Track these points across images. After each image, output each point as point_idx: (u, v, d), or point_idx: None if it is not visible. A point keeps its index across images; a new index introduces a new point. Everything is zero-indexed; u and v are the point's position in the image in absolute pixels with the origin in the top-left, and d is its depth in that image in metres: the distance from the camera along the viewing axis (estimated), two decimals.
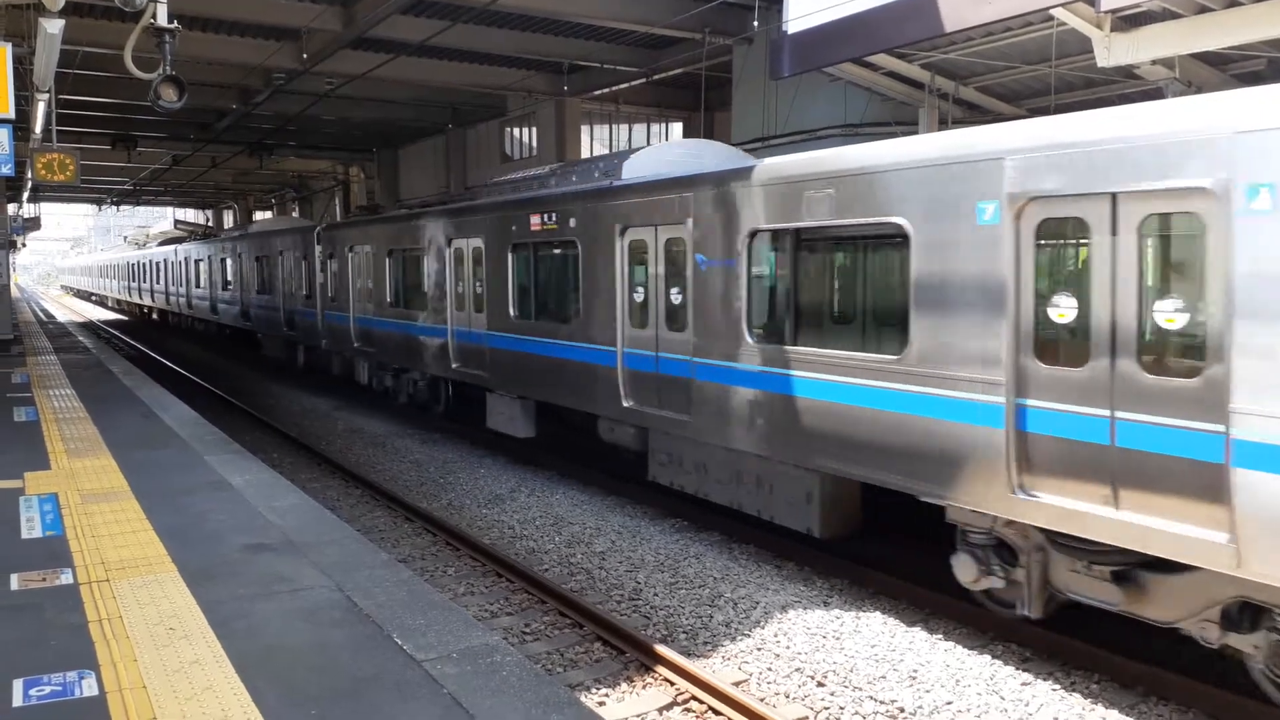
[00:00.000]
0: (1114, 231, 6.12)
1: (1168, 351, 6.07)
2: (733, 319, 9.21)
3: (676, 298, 10.03)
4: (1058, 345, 6.57)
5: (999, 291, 6.72)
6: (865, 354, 7.94)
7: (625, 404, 10.76)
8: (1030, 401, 6.61)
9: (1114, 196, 6.10)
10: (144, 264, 45.52)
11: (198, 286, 32.40)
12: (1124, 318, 6.11)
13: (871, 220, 7.77)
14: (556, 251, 12.20)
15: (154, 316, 46.71)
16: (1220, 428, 5.61)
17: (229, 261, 28.27)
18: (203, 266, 31.64)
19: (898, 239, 7.65)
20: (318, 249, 20.18)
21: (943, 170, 7.10)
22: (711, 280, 9.44)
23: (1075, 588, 6.88)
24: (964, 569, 7.42)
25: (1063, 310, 6.46)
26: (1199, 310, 5.87)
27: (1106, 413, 6.21)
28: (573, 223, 11.47)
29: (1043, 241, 6.61)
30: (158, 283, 41.61)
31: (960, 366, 7.02)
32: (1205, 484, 5.70)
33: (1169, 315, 5.96)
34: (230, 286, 28.04)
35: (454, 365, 14.61)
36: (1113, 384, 6.15)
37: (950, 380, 7.11)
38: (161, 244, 42.42)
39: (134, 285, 50.10)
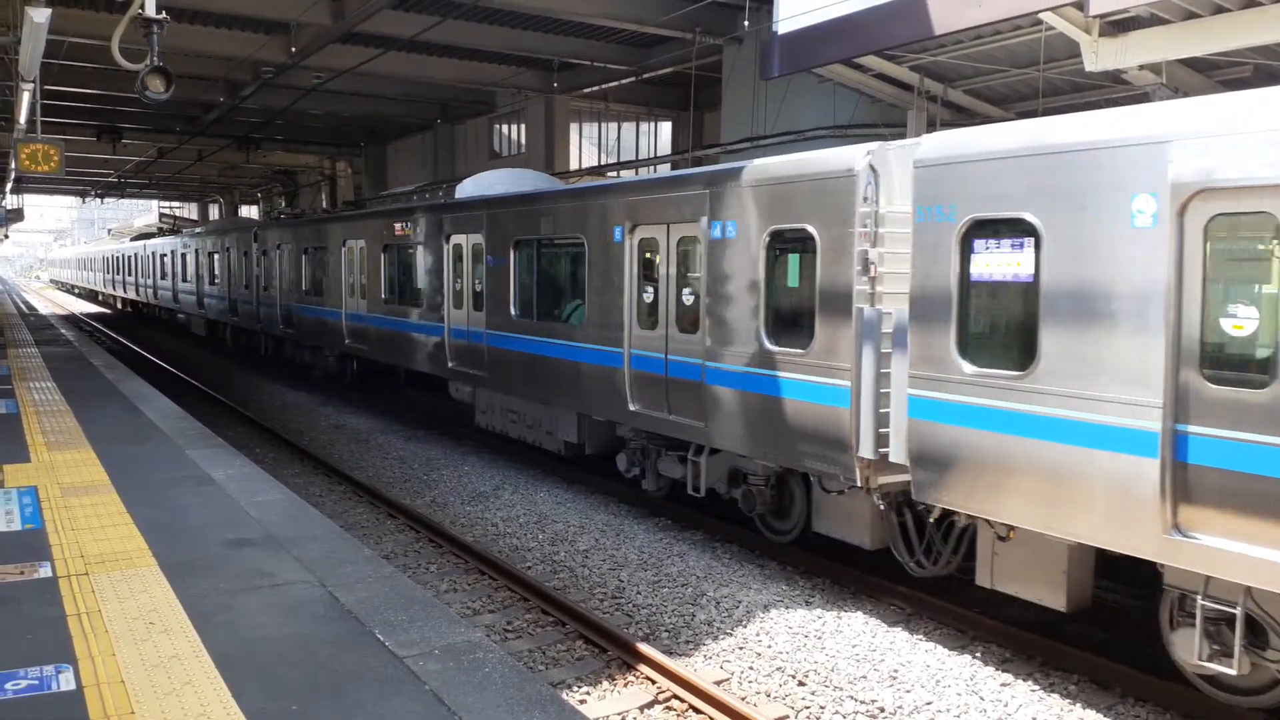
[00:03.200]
0: None
1: None
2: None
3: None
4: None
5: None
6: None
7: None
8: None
9: None
10: (188, 257, 31.41)
11: (360, 295, 17.64)
12: None
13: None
14: None
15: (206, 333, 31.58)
16: None
17: (429, 257, 14.96)
18: (350, 261, 18.03)
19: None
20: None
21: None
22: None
23: None
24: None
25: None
26: None
27: None
28: None
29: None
30: (210, 283, 28.57)
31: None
32: None
33: None
34: (433, 299, 14.80)
35: None
36: None
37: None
38: (212, 233, 29.45)
39: (161, 286, 36.32)
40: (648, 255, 10.35)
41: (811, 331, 8.23)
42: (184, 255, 32.15)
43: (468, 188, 14.66)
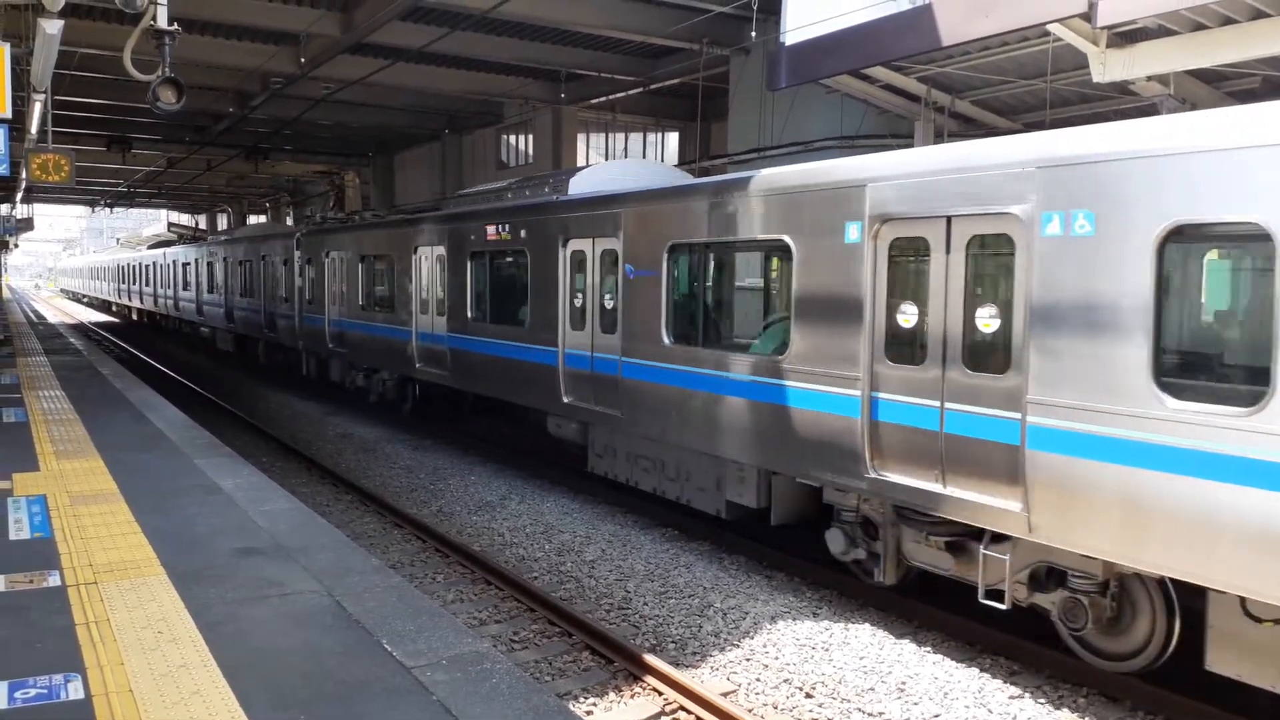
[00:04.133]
0: None
1: None
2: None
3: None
4: None
5: None
6: None
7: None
8: None
9: None
10: (215, 266, 28.59)
11: (436, 312, 15.12)
12: None
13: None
14: None
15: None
16: None
17: None
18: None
19: None
20: None
21: None
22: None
23: None
24: None
25: None
26: None
27: None
28: None
29: None
30: (241, 294, 25.70)
31: None
32: None
33: None
34: None
35: None
36: None
37: None
38: (243, 240, 26.27)
39: (183, 298, 32.97)
40: (907, 261, 7.60)
41: (1265, 383, 5.49)
42: (210, 264, 29.47)
43: (582, 183, 12.35)
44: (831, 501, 8.56)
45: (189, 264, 32.21)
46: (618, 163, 13.41)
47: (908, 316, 7.49)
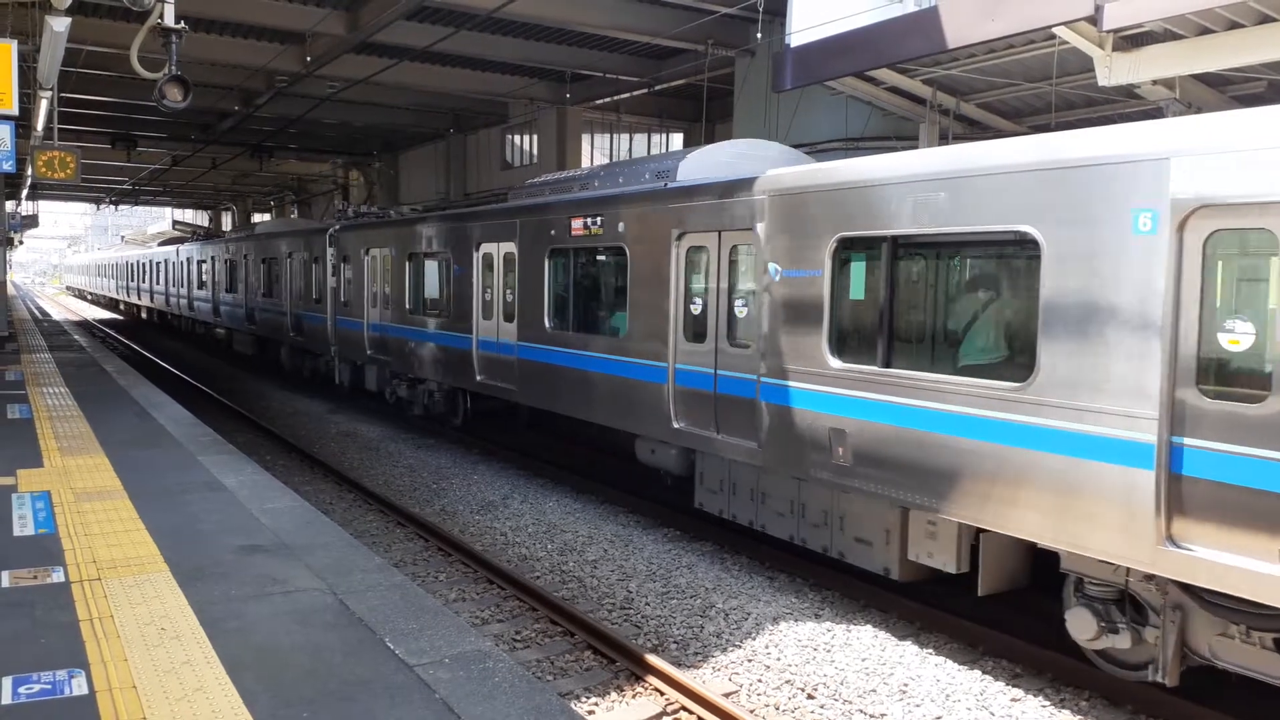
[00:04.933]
0: None
1: None
2: None
3: None
4: None
5: None
6: None
7: None
8: None
9: None
10: (234, 264, 26.70)
11: (502, 317, 13.57)
12: None
13: None
14: None
15: None
16: None
17: None
18: None
19: None
20: None
21: None
22: None
23: None
24: None
25: None
26: None
27: None
28: None
29: None
30: (263, 295, 24.13)
31: None
32: None
33: None
34: None
35: None
36: None
37: None
38: (267, 236, 24.37)
39: (197, 297, 31.16)
40: (1235, 262, 5.76)
41: None
42: (229, 262, 27.38)
43: (693, 167, 10.64)
44: (1074, 571, 6.66)
45: (204, 261, 30.44)
46: (731, 143, 11.58)
47: (1235, 336, 5.54)
